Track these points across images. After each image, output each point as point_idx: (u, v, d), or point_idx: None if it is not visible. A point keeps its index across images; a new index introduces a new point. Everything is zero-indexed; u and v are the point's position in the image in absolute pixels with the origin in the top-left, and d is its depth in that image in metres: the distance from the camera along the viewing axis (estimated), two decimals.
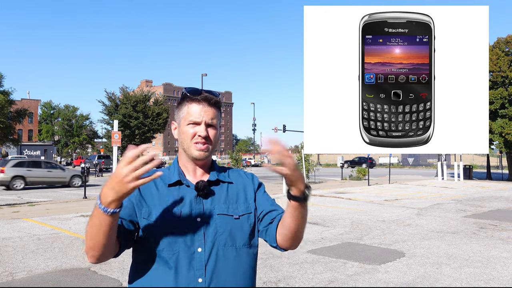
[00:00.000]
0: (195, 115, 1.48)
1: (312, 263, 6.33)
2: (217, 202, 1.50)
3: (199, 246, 1.42)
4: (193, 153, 1.49)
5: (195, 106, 1.49)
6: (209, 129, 1.49)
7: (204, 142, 1.48)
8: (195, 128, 1.48)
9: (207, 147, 1.49)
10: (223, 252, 1.44)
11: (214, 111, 1.51)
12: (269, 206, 1.58)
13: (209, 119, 1.49)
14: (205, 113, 1.49)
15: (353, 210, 12.30)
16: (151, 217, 1.44)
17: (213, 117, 1.50)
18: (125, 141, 43.61)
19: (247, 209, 1.54)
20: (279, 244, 1.53)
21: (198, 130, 1.48)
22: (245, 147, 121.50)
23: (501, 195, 17.65)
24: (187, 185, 1.50)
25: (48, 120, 74.53)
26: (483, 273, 5.92)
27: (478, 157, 61.44)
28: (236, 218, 1.50)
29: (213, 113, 1.50)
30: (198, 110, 1.49)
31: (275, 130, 50.79)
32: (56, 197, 16.10)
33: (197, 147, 1.48)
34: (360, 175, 27.70)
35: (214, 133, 1.51)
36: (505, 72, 27.14)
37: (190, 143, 1.49)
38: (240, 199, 1.55)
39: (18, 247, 7.25)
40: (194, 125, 1.49)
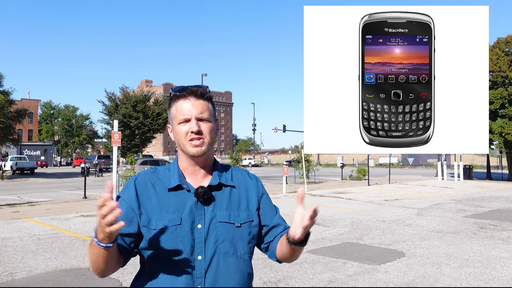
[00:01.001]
0: (184, 112, 1.45)
1: (312, 263, 6.33)
2: (218, 208, 1.45)
3: (199, 254, 1.39)
4: (190, 151, 1.44)
5: (182, 102, 1.46)
6: (201, 123, 1.45)
7: (199, 137, 1.43)
8: (186, 125, 1.45)
9: (202, 141, 1.44)
10: (223, 261, 1.41)
11: (204, 103, 1.47)
12: (273, 220, 1.56)
13: (198, 113, 1.44)
14: (193, 107, 1.45)
15: (353, 210, 12.29)
16: (151, 225, 1.41)
17: (202, 110, 1.45)
18: (125, 141, 43.65)
19: (248, 217, 1.50)
20: (278, 259, 1.54)
21: (190, 126, 1.44)
22: (245, 147, 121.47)
23: (501, 195, 17.65)
24: (188, 190, 1.45)
25: (48, 120, 74.53)
26: (483, 273, 5.92)
27: (478, 157, 61.43)
28: (237, 226, 1.46)
29: (202, 106, 1.46)
30: (186, 105, 1.45)
31: (275, 130, 50.80)
32: (56, 197, 16.09)
33: (192, 143, 1.44)
34: (360, 175, 27.71)
35: (207, 127, 1.46)
36: (505, 72, 27.14)
37: (185, 141, 1.45)
38: (242, 205, 1.50)
39: (18, 247, 7.25)
40: (185, 122, 1.45)
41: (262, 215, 1.55)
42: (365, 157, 63.11)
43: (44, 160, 55.42)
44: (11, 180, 28.59)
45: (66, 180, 28.60)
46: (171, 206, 1.43)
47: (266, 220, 1.55)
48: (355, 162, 62.99)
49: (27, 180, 29.22)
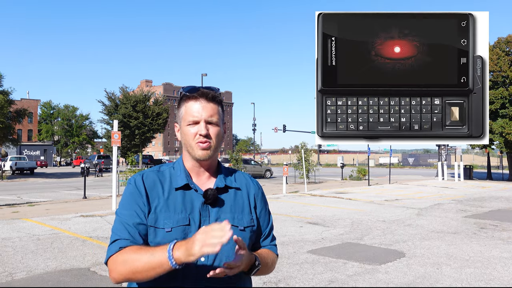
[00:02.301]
0: (193, 114, 1.43)
1: (312, 263, 6.31)
2: (223, 211, 1.46)
3: (202, 256, 1.39)
4: (196, 154, 1.44)
5: (193, 104, 1.44)
6: (209, 126, 1.44)
7: (206, 141, 1.43)
8: (195, 127, 1.43)
9: (209, 145, 1.44)
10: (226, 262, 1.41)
11: (214, 106, 1.45)
12: (263, 233, 1.60)
13: (208, 116, 1.43)
14: (203, 109, 1.43)
15: (353, 210, 12.28)
16: (158, 224, 1.40)
17: (212, 113, 1.44)
18: (125, 141, 43.62)
19: (251, 222, 1.52)
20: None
21: (199, 129, 1.42)
22: (245, 147, 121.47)
23: (502, 195, 17.64)
24: (195, 190, 1.45)
25: (47, 120, 74.48)
26: (484, 273, 5.90)
27: (479, 157, 61.44)
28: (241, 230, 1.47)
29: (212, 110, 1.45)
30: (196, 107, 1.43)
31: (275, 130, 50.82)
32: (56, 197, 16.08)
33: (199, 146, 1.43)
34: (360, 175, 27.70)
35: (215, 131, 1.45)
36: (506, 72, 27.13)
37: (192, 143, 1.43)
38: (245, 209, 1.51)
39: (17, 247, 7.23)
40: (194, 124, 1.43)
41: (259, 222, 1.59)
42: (365, 157, 63.13)
43: (43, 160, 55.42)
44: (11, 180, 28.60)
45: (66, 180, 28.58)
46: (178, 206, 1.42)
47: (262, 229, 1.60)
48: (355, 162, 62.97)
49: (27, 180, 29.22)
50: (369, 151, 27.03)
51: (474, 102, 1.44)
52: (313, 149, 35.34)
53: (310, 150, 29.73)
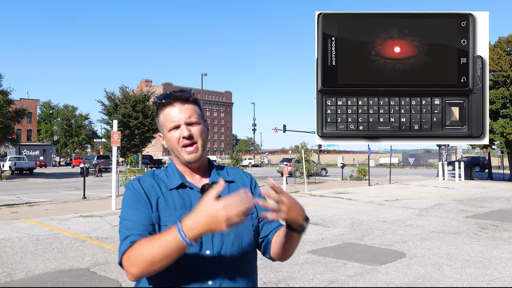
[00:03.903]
0: (172, 119, 1.45)
1: (312, 263, 6.31)
2: None
3: (207, 249, 1.40)
4: (185, 158, 1.46)
5: (169, 109, 1.47)
6: (191, 127, 1.46)
7: (192, 143, 1.45)
8: (177, 131, 1.45)
9: (196, 147, 1.46)
10: (231, 253, 1.42)
11: (190, 107, 1.47)
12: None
13: (186, 117, 1.45)
14: (181, 112, 1.45)
15: (354, 211, 12.27)
16: (161, 221, 1.41)
17: (190, 114, 1.46)
18: (124, 141, 43.62)
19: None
20: (271, 256, 1.57)
21: (181, 132, 1.45)
22: (245, 147, 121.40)
23: (503, 195, 17.62)
24: (191, 188, 1.47)
25: (47, 120, 74.43)
26: (485, 273, 5.89)
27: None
28: None
29: (189, 110, 1.47)
30: (174, 112, 1.46)
31: (275, 130, 50.80)
32: (55, 197, 16.07)
33: (186, 150, 1.45)
34: (360, 175, 27.68)
35: (198, 129, 1.47)
36: (507, 71, 27.09)
37: (178, 148, 1.46)
38: None
39: (16, 247, 7.22)
40: (175, 129, 1.46)
41: (258, 209, 1.58)
42: (365, 157, 63.14)
43: (43, 160, 55.42)
44: (10, 180, 28.59)
45: (65, 180, 28.57)
46: (178, 203, 1.44)
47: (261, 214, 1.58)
48: (356, 162, 62.96)
49: (26, 180, 29.21)
50: (370, 151, 27.01)
51: (474, 102, 1.44)
52: (313, 149, 35.22)
53: (310, 150, 29.71)
